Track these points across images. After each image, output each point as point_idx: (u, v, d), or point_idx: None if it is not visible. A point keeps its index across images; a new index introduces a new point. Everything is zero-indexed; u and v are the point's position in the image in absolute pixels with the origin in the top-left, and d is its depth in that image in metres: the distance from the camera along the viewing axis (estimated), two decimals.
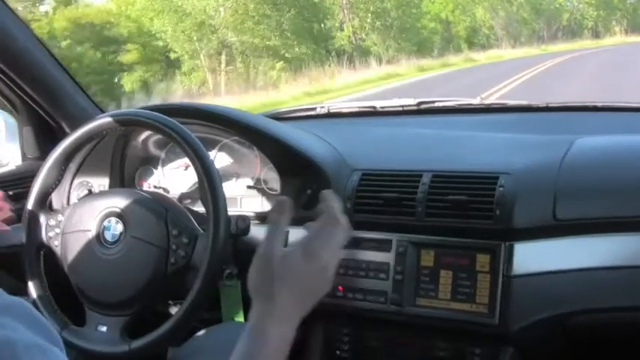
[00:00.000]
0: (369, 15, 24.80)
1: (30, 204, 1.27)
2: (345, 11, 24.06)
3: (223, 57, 20.41)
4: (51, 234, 1.28)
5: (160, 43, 20.50)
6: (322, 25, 22.59)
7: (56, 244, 1.27)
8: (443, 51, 27.56)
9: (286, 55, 20.67)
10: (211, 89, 17.68)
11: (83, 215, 1.26)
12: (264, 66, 18.85)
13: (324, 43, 21.69)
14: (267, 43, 20.46)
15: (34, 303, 1.23)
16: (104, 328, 1.20)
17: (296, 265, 0.84)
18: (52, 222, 1.28)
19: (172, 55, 20.55)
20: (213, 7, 20.40)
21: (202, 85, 19.13)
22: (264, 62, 19.31)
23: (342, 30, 24.02)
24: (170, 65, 20.56)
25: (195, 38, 20.16)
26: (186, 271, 1.17)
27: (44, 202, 1.30)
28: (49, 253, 1.30)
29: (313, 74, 17.39)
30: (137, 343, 1.16)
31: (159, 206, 1.22)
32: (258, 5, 20.44)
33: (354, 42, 23.86)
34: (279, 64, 19.11)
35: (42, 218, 1.28)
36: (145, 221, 1.20)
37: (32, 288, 1.25)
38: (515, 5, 38.55)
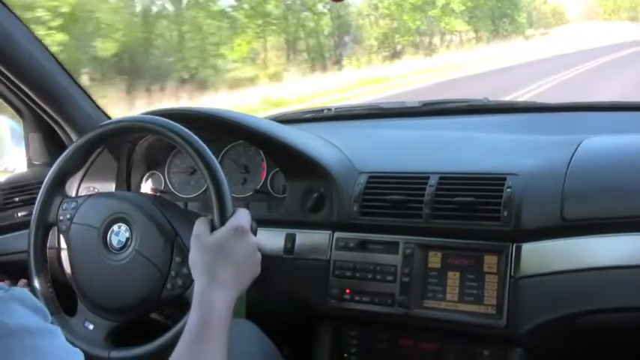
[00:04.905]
0: None
1: (48, 180, 1.26)
2: None
3: None
4: (61, 217, 1.25)
5: None
6: None
7: (64, 229, 1.25)
8: None
9: None
10: None
11: (95, 211, 1.24)
12: None
13: None
14: None
15: (32, 285, 1.22)
16: (91, 326, 1.19)
17: (229, 242, 1.03)
18: (65, 205, 1.26)
19: None
20: None
21: None
22: None
23: None
24: None
25: None
26: (179, 300, 1.15)
27: (62, 183, 1.28)
28: (55, 236, 1.27)
29: None
30: (116, 354, 1.15)
31: (170, 228, 1.19)
32: None
33: None
34: None
35: (57, 197, 1.26)
36: (152, 240, 1.18)
37: (33, 266, 1.23)
38: None
